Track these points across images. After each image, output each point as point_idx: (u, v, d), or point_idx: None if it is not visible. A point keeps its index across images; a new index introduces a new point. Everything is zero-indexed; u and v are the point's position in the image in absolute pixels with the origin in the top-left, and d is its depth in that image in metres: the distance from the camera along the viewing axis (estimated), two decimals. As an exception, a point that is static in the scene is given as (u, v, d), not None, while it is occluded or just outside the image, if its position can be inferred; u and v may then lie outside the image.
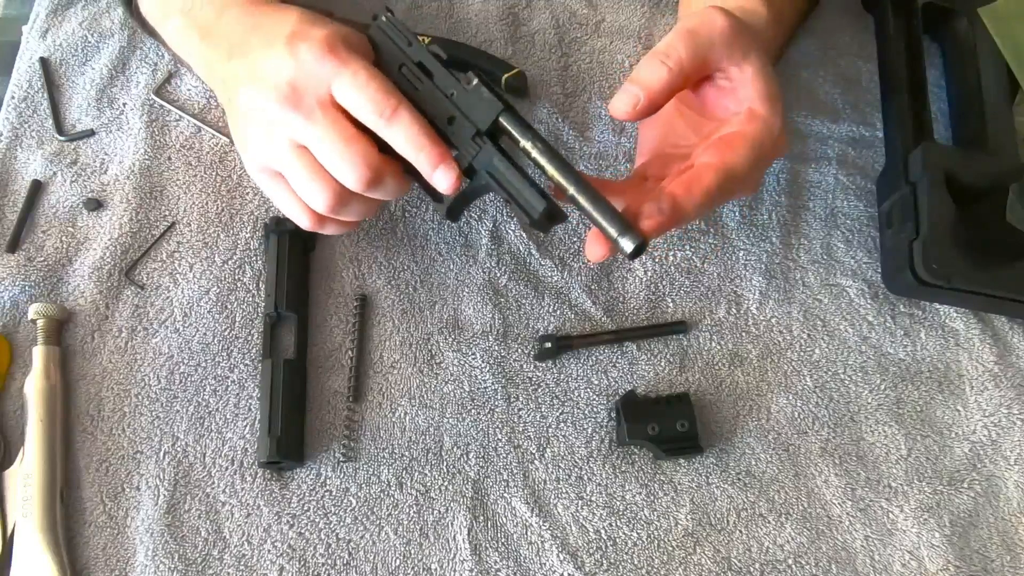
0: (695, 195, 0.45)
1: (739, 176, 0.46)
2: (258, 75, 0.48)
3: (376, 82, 0.45)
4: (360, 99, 0.45)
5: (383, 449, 0.55)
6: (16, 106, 0.63)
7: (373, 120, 0.46)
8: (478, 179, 0.48)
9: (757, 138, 0.47)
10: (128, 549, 0.52)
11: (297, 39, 0.46)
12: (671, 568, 0.53)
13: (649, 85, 0.46)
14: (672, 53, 0.46)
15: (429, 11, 0.69)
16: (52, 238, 0.59)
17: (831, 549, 0.54)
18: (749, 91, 0.48)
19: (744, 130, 0.47)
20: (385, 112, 0.45)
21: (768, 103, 0.47)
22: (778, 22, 0.56)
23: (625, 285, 0.60)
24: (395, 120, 0.45)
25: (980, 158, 0.61)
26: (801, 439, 0.57)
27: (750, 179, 0.49)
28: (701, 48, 0.47)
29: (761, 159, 0.47)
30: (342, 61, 0.45)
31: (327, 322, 0.58)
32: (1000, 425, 0.58)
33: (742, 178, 0.47)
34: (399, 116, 0.45)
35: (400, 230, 0.61)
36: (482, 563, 0.52)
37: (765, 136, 0.47)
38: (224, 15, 0.52)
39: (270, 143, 0.48)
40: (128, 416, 0.55)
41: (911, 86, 0.64)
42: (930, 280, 0.56)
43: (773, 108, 0.47)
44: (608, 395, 0.57)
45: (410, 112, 0.46)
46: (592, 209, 0.45)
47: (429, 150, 0.46)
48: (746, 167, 0.46)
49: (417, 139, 0.46)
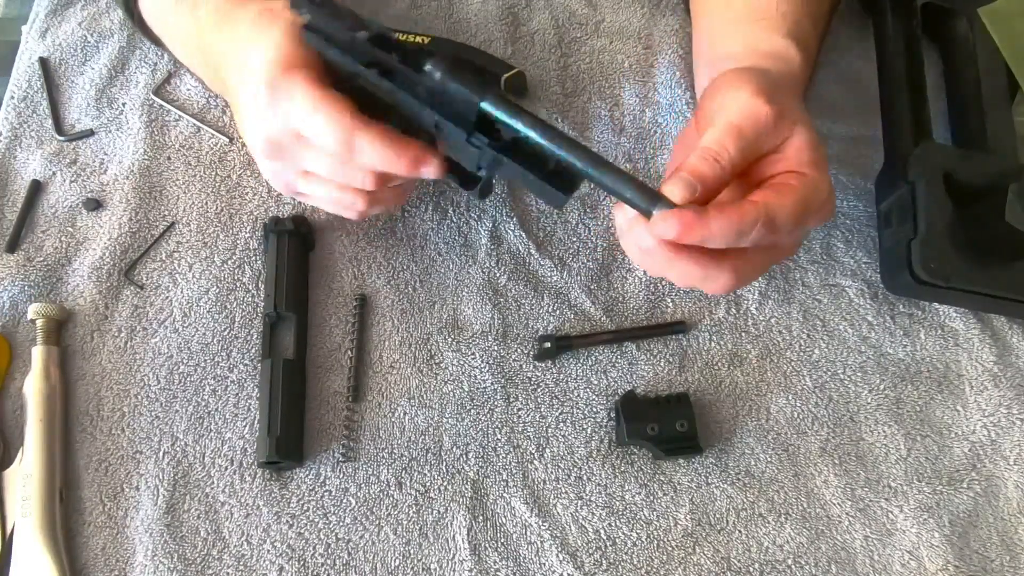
0: (728, 213, 0.42)
1: (778, 224, 0.43)
2: (243, 126, 0.51)
3: (321, 118, 0.45)
4: (317, 142, 0.47)
5: (382, 449, 0.55)
6: (16, 106, 0.63)
7: (337, 159, 0.47)
8: (494, 170, 0.47)
9: (804, 193, 0.45)
10: (127, 549, 0.52)
11: (249, 89, 0.47)
12: (671, 568, 0.53)
13: (705, 178, 0.44)
14: (723, 153, 0.44)
15: (429, 11, 0.69)
16: (51, 238, 0.59)
17: (831, 549, 0.54)
18: (798, 158, 0.46)
19: (793, 183, 0.45)
20: (341, 151, 0.46)
21: (817, 168, 0.46)
22: (809, 63, 0.55)
23: (625, 285, 0.60)
24: (356, 153, 0.46)
25: (979, 158, 0.61)
26: (800, 439, 0.57)
27: (789, 236, 0.46)
28: (749, 145, 0.45)
29: (804, 215, 0.45)
30: (285, 103, 0.46)
31: (327, 322, 0.58)
32: (1000, 425, 0.58)
33: (781, 228, 0.44)
34: (358, 147, 0.45)
35: (400, 230, 0.61)
36: (481, 563, 0.52)
37: (812, 194, 0.45)
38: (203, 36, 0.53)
39: (282, 184, 0.53)
40: (127, 416, 0.55)
41: (910, 86, 0.64)
42: (928, 280, 0.56)
43: (822, 173, 0.46)
44: (608, 395, 0.57)
45: (367, 133, 0.45)
46: (615, 186, 0.42)
47: (399, 160, 0.46)
48: (788, 218, 0.44)
49: (384, 156, 0.46)
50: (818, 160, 0.46)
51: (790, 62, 0.53)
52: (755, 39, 0.55)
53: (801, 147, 0.46)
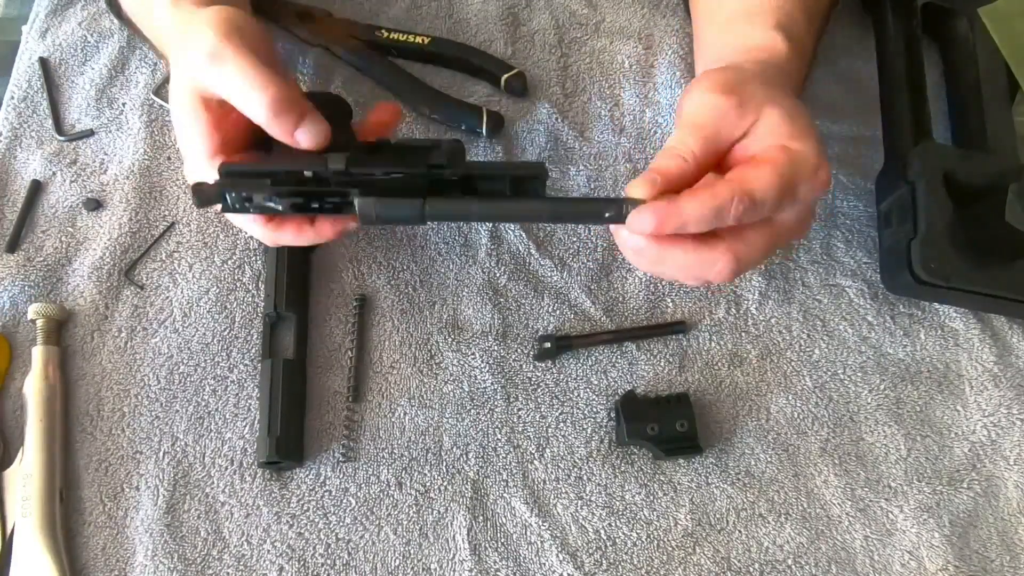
0: (699, 194, 0.43)
1: (758, 197, 0.43)
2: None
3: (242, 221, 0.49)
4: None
5: (383, 449, 0.55)
6: (16, 106, 0.63)
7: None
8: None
9: (784, 164, 0.44)
10: (127, 549, 0.52)
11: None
12: (671, 568, 0.53)
13: (667, 172, 0.44)
14: (684, 148, 0.45)
15: (429, 11, 0.69)
16: (52, 238, 0.59)
17: (831, 549, 0.54)
18: (775, 135, 0.45)
19: (770, 156, 0.44)
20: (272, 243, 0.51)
21: (798, 140, 0.45)
22: (800, 55, 0.54)
23: (625, 285, 0.60)
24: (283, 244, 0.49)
25: (979, 158, 0.61)
26: (801, 439, 0.57)
27: (782, 212, 0.45)
28: (710, 136, 0.45)
29: (788, 186, 0.44)
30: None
31: (327, 322, 0.58)
32: (1000, 425, 0.58)
33: (763, 201, 0.43)
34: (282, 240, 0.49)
35: (400, 230, 0.61)
36: (481, 563, 0.52)
37: (794, 165, 0.44)
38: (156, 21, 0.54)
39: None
40: (128, 416, 0.55)
41: (910, 86, 0.64)
42: (928, 280, 0.56)
43: (805, 143, 0.45)
44: (608, 395, 0.57)
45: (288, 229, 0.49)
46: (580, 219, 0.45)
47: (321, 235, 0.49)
48: (768, 190, 0.43)
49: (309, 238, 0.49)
50: (797, 132, 0.45)
51: (775, 52, 0.53)
52: (744, 37, 0.54)
53: (774, 125, 0.45)
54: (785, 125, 0.45)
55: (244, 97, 0.44)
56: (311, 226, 0.49)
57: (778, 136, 0.45)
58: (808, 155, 0.45)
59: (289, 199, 0.46)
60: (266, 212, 0.47)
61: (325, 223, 0.49)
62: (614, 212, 0.44)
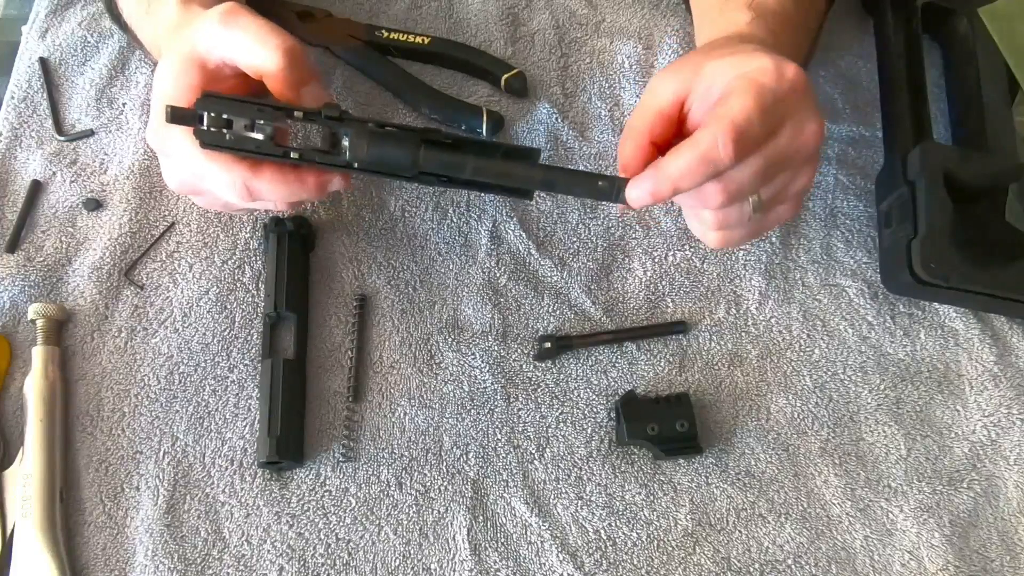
0: (680, 148, 0.42)
1: (742, 123, 0.41)
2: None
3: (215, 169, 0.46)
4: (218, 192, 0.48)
5: (383, 449, 0.55)
6: (16, 106, 0.63)
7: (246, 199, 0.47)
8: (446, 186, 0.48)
9: (747, 85, 0.42)
10: (128, 549, 0.52)
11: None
12: (671, 568, 0.53)
13: (624, 144, 0.46)
14: (635, 121, 0.47)
15: (429, 11, 0.69)
16: (52, 238, 0.59)
17: (831, 549, 0.54)
18: (727, 72, 0.44)
19: (730, 88, 0.43)
20: (244, 196, 0.47)
21: (747, 63, 0.44)
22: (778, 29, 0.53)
23: (625, 285, 0.60)
24: (259, 195, 0.47)
25: (979, 158, 0.61)
26: (801, 439, 0.57)
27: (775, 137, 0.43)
28: (649, 110, 0.46)
29: (767, 100, 0.42)
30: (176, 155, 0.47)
31: (327, 322, 0.58)
32: (1000, 425, 0.58)
33: (750, 125, 0.41)
34: (257, 190, 0.46)
35: (400, 230, 0.61)
36: (482, 563, 0.52)
37: (752, 83, 0.42)
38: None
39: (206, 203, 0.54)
40: (128, 416, 0.55)
41: (911, 86, 0.64)
42: (928, 279, 0.56)
43: (754, 60, 0.44)
44: (608, 395, 0.57)
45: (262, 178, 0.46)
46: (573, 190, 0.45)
47: (303, 189, 0.47)
48: (747, 112, 0.41)
49: (289, 190, 0.47)
50: (744, 58, 0.44)
51: (740, 28, 0.52)
52: (726, 25, 0.53)
53: (721, 66, 0.44)
54: (730, 59, 0.45)
55: (260, 46, 0.45)
56: (294, 175, 0.47)
57: (729, 71, 0.44)
58: (763, 64, 0.43)
59: (273, 124, 0.44)
60: (244, 148, 0.44)
61: (308, 174, 0.47)
62: (606, 184, 0.44)
